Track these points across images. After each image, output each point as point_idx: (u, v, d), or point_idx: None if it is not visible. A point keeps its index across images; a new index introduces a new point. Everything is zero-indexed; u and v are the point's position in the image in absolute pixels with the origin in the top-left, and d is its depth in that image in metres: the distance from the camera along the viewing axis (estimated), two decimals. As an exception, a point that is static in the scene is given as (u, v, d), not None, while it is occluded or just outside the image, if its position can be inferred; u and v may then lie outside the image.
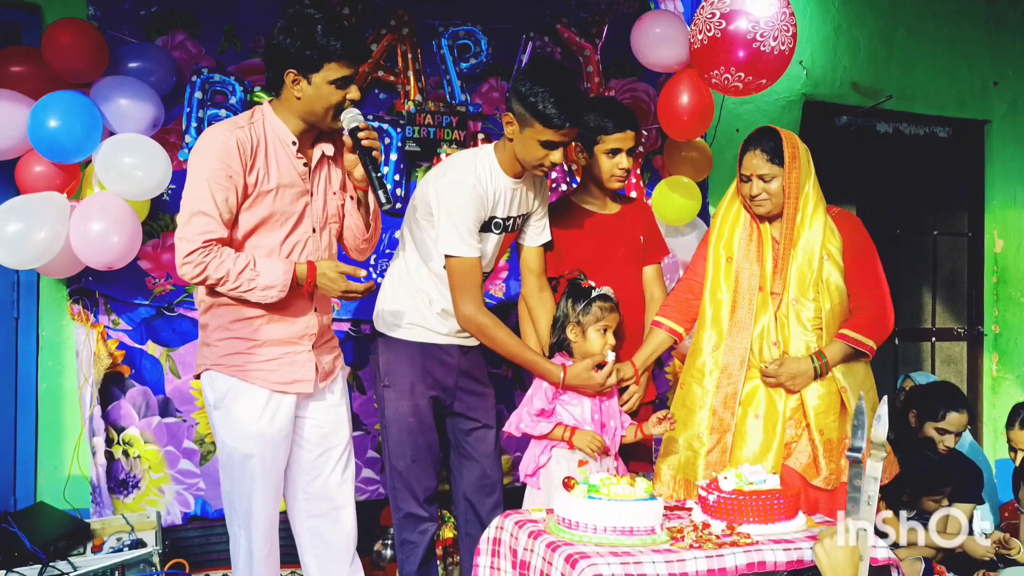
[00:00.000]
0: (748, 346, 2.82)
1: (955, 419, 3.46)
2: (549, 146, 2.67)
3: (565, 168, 3.75)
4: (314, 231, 2.58)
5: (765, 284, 2.83)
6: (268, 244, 2.50)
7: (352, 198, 2.68)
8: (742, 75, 3.26)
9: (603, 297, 2.80)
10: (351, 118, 2.49)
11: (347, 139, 2.52)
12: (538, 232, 2.96)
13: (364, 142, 2.48)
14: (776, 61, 3.26)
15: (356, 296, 2.51)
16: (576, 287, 2.83)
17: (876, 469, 1.96)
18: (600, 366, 2.77)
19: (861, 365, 2.85)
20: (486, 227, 2.79)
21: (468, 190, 2.69)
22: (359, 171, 2.57)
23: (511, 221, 2.86)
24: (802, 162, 2.80)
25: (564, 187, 3.70)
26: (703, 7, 3.28)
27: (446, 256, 2.72)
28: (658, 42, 3.55)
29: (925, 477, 3.27)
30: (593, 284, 2.83)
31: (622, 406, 2.91)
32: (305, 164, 2.54)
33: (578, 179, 3.68)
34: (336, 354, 2.73)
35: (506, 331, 2.77)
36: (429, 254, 2.79)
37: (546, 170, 2.76)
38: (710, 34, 3.25)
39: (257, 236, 2.50)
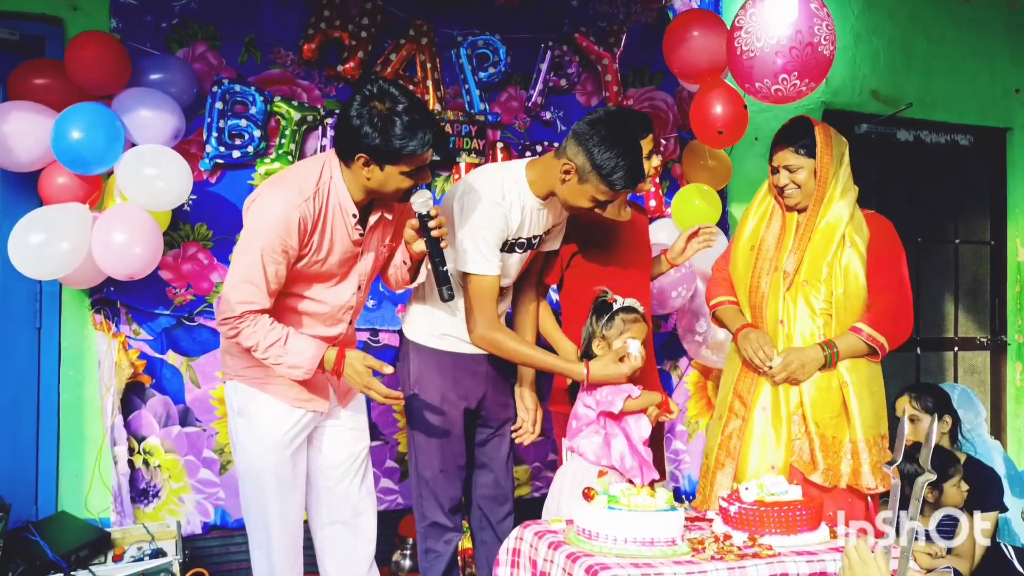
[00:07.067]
0: (767, 330, 2.82)
1: None
2: (600, 204, 2.67)
3: None
4: (359, 288, 2.59)
5: (780, 264, 2.82)
6: (310, 295, 2.52)
7: (407, 260, 2.67)
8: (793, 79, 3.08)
9: (626, 309, 2.77)
10: (423, 202, 2.45)
11: (414, 221, 2.51)
12: (551, 242, 2.94)
13: (434, 232, 2.47)
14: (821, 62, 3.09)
15: (375, 397, 2.49)
16: (599, 304, 2.80)
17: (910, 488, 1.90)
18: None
19: (867, 364, 2.80)
20: (511, 248, 2.75)
21: (492, 207, 2.64)
22: (418, 246, 2.56)
23: (537, 239, 2.84)
24: (834, 149, 2.81)
25: None
26: (736, 24, 3.15)
27: (464, 274, 2.68)
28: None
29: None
30: (618, 298, 2.81)
31: None
32: (361, 234, 2.52)
33: None
34: None
35: (519, 341, 2.76)
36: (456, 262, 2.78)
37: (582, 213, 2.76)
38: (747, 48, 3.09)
39: (298, 286, 2.49)
